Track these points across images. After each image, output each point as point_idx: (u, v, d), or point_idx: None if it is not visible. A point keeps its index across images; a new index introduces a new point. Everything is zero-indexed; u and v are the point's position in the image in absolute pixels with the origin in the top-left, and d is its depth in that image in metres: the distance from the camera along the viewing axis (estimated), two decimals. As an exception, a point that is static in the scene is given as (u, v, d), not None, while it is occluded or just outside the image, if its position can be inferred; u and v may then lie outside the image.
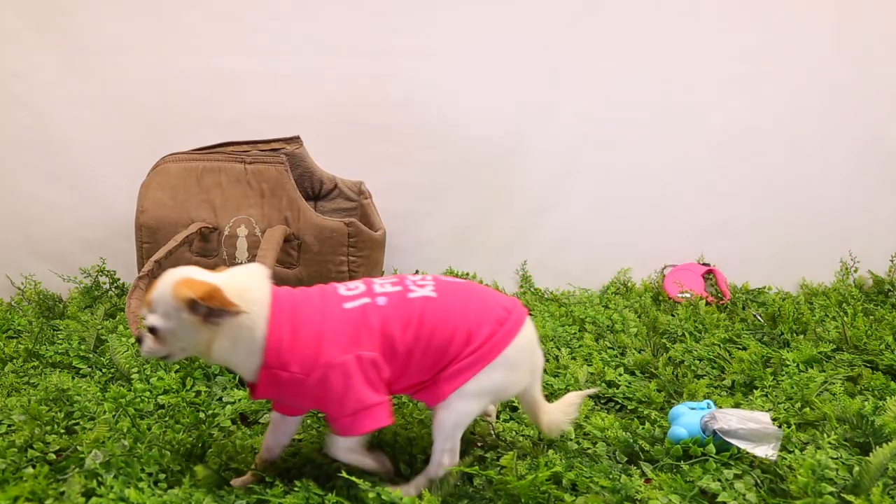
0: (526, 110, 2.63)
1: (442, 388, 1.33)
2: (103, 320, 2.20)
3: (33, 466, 1.40)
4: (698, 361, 1.98)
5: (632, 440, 1.54)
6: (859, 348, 2.02)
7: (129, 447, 1.44)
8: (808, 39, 2.65)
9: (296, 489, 1.35)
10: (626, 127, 2.66)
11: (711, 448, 1.46)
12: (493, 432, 1.58)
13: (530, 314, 1.48)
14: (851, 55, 2.66)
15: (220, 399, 1.76)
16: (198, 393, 1.77)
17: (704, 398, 1.73)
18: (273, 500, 1.32)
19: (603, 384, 1.85)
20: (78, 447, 1.46)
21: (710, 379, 1.90)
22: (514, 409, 1.76)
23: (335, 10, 2.55)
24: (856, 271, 2.71)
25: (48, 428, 1.55)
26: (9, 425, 1.58)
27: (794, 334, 2.15)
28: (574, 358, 2.01)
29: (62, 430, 1.56)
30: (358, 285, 1.38)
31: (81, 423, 1.61)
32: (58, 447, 1.48)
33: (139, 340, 1.31)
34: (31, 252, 2.60)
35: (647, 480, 1.43)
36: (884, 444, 1.38)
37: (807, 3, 2.63)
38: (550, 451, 1.53)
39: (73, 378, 1.80)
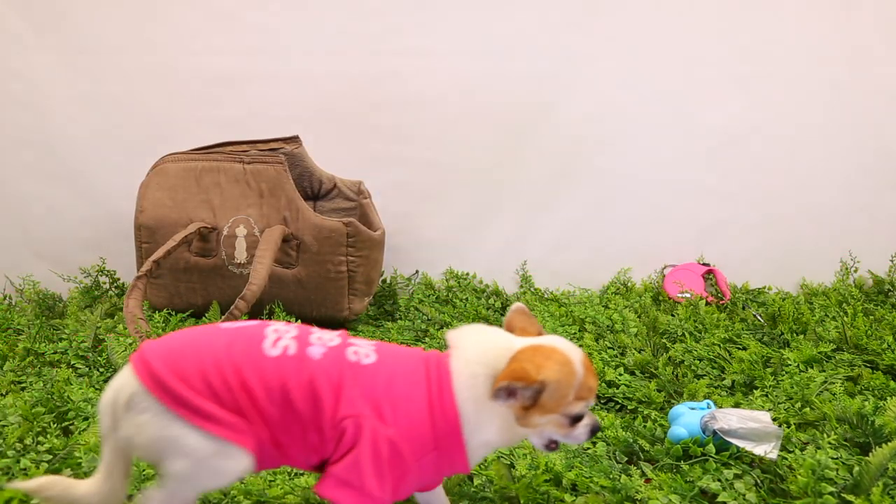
0: (526, 110, 2.63)
1: None
2: (102, 319, 2.20)
3: (26, 471, 1.39)
4: (698, 361, 1.98)
5: (632, 440, 1.54)
6: (859, 348, 2.02)
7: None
8: (808, 39, 2.65)
9: (296, 489, 1.35)
10: (626, 127, 2.66)
11: (711, 448, 1.46)
12: None
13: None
14: (851, 55, 2.66)
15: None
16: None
17: (704, 398, 1.73)
18: (273, 500, 1.32)
19: (603, 384, 1.85)
20: (74, 449, 1.46)
21: (710, 379, 1.90)
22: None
23: (335, 10, 2.55)
24: (856, 271, 2.70)
25: (40, 428, 1.55)
26: (3, 426, 1.57)
27: (794, 334, 2.15)
28: (574, 358, 2.00)
29: (58, 431, 1.55)
30: None
31: (76, 423, 1.60)
32: (49, 446, 1.47)
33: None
34: (30, 252, 2.60)
35: (647, 480, 1.42)
36: (884, 444, 1.38)
37: (807, 3, 2.63)
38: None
39: (68, 378, 1.80)
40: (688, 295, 2.51)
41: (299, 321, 2.17)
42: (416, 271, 2.70)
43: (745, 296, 2.58)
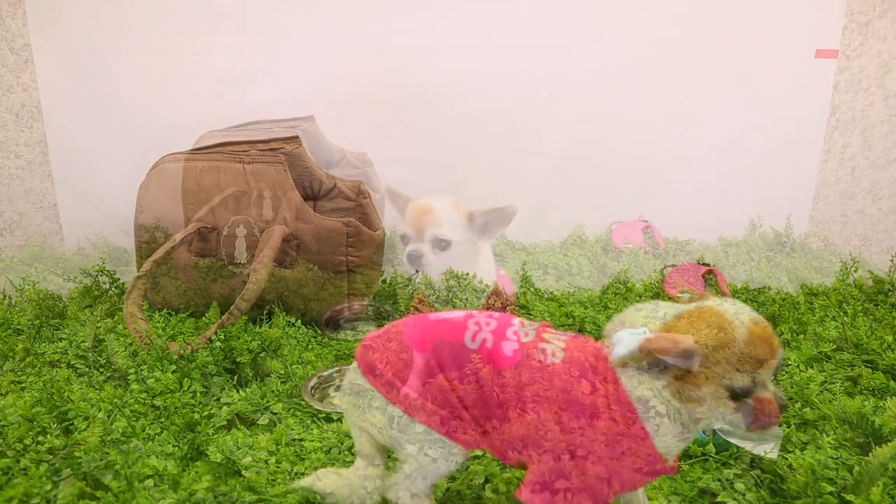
0: (526, 110, 2.63)
1: None
2: (102, 319, 2.20)
3: (26, 471, 1.39)
4: (698, 361, 1.98)
5: (631, 440, 1.54)
6: (859, 348, 2.02)
7: (127, 452, 1.44)
8: (808, 39, 2.65)
9: (297, 489, 1.35)
10: (626, 127, 2.66)
11: (711, 448, 1.46)
12: None
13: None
14: (851, 55, 2.66)
15: (218, 399, 1.76)
16: (194, 394, 1.77)
17: (704, 398, 1.73)
18: (273, 499, 1.32)
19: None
20: (74, 449, 1.46)
21: (710, 379, 1.89)
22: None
23: (336, 10, 2.55)
24: (856, 271, 2.70)
25: (40, 428, 1.55)
26: (3, 426, 1.57)
27: (794, 334, 2.15)
28: (574, 358, 2.00)
29: (58, 432, 1.55)
30: None
31: (76, 423, 1.60)
32: (49, 446, 1.47)
33: None
34: (31, 252, 2.60)
35: (647, 480, 1.42)
36: (884, 444, 1.38)
37: (807, 3, 2.63)
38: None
39: (68, 378, 1.80)
40: (688, 295, 2.50)
41: (299, 321, 2.18)
42: (416, 271, 2.70)
43: (745, 296, 2.58)
